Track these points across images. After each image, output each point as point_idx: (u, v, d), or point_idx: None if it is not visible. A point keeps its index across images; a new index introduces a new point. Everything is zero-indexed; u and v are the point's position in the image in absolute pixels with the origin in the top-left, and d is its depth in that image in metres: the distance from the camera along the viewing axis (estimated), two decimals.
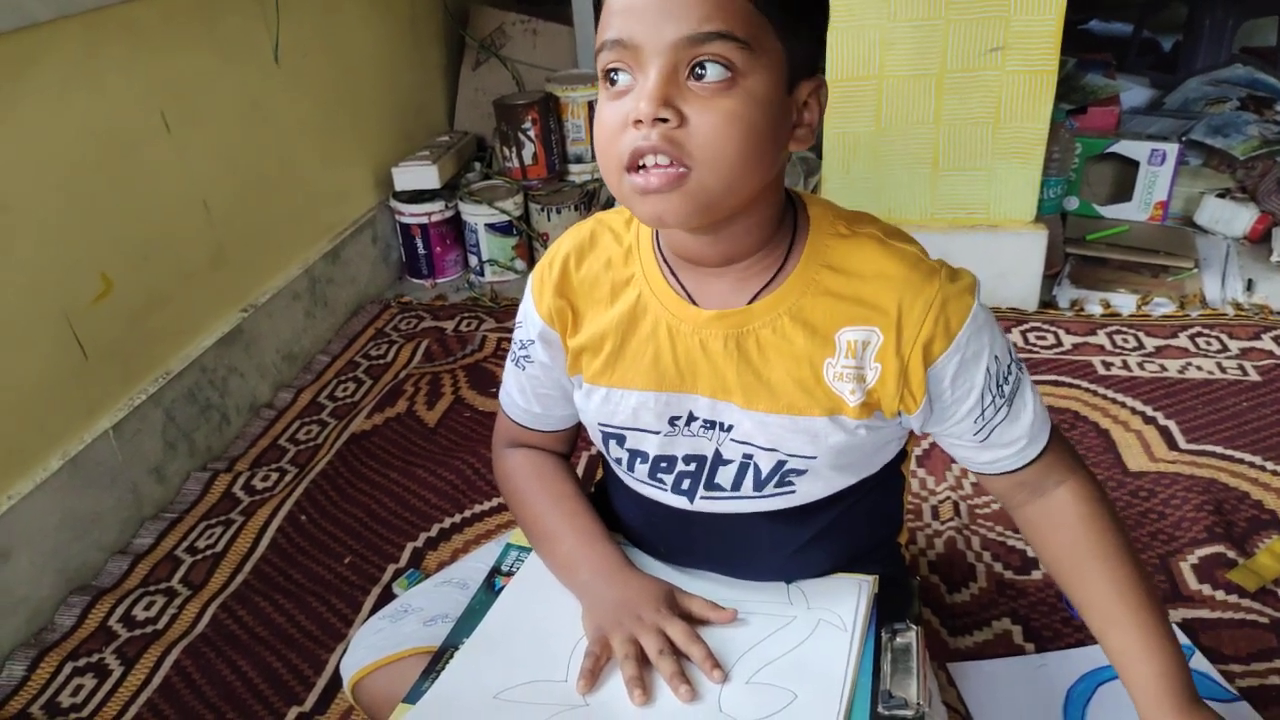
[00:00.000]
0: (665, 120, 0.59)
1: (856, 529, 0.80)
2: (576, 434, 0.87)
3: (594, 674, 0.71)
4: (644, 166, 0.60)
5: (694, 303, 0.71)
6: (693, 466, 0.76)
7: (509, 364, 0.84)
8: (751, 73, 0.59)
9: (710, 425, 0.73)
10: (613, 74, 0.61)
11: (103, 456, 1.26)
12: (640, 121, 0.59)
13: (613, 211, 0.78)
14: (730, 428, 0.73)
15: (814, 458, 0.72)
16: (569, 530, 0.81)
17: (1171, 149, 1.87)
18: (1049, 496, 0.75)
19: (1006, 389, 0.71)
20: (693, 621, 0.74)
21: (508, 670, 0.73)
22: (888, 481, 0.81)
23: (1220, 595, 1.07)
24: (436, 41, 2.25)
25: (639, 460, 0.77)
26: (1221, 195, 1.92)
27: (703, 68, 0.59)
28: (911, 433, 0.78)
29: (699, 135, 0.59)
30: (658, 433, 0.75)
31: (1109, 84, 2.19)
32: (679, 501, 0.77)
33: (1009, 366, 0.71)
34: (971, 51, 1.54)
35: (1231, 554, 1.11)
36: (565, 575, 0.80)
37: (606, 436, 0.78)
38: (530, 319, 0.79)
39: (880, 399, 0.70)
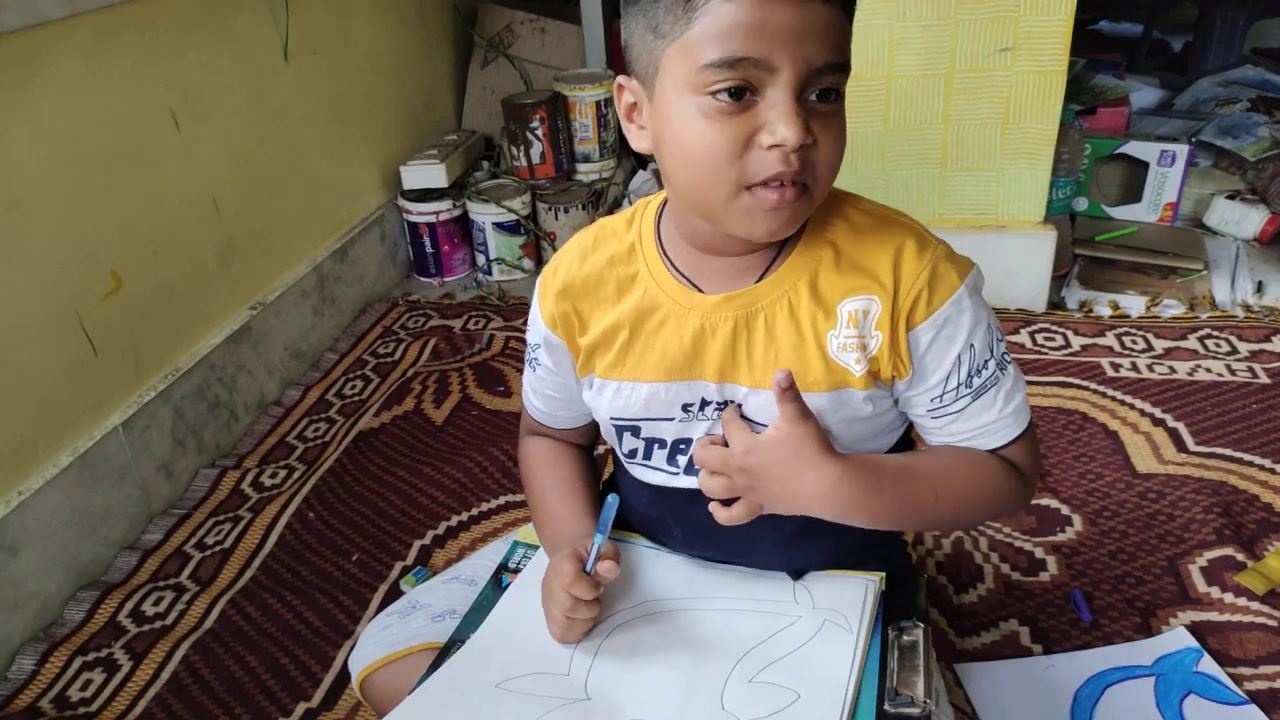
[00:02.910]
0: (804, 145, 0.60)
1: None
2: (594, 430, 0.87)
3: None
4: (776, 185, 0.62)
5: (699, 290, 0.72)
6: None
7: (525, 361, 0.85)
8: (844, 89, 0.63)
9: (721, 408, 0.74)
10: (733, 91, 0.60)
11: (112, 453, 1.26)
12: (779, 145, 0.60)
13: (613, 217, 0.79)
14: (740, 407, 0.73)
15: None
16: (555, 516, 0.83)
17: (1181, 150, 1.87)
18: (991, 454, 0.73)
19: (976, 382, 0.70)
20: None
21: (511, 661, 0.74)
22: None
23: (1229, 598, 1.06)
24: (445, 40, 2.25)
25: (656, 446, 0.78)
26: (1231, 197, 1.91)
27: (827, 94, 0.61)
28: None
29: (822, 154, 0.62)
30: (672, 419, 0.76)
31: (1119, 85, 2.18)
32: (692, 483, 0.77)
33: (986, 363, 0.70)
34: (980, 52, 1.54)
35: (1240, 557, 1.11)
36: (551, 559, 0.81)
37: (620, 429, 0.78)
38: (536, 324, 0.80)
39: (880, 365, 0.70)
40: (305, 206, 1.74)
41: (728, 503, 0.70)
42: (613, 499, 0.75)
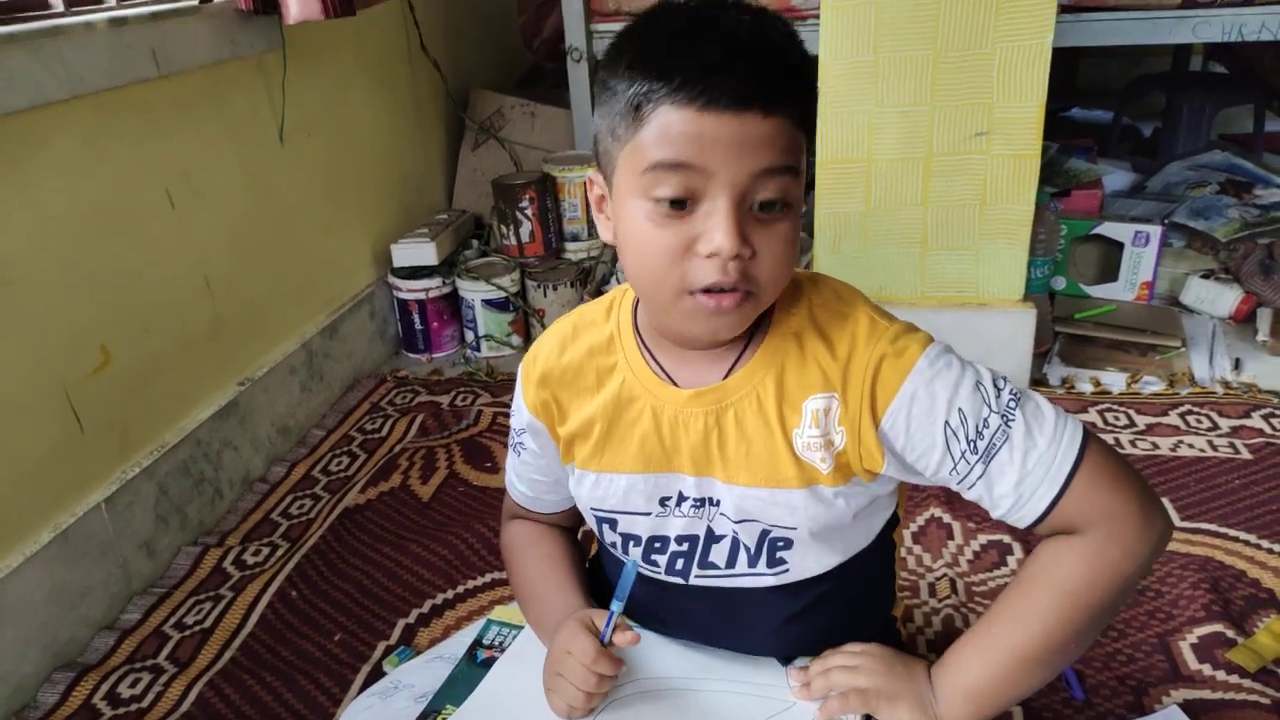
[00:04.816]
0: (740, 256, 0.61)
1: (848, 598, 0.80)
2: (578, 513, 0.87)
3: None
4: (714, 291, 0.63)
5: (674, 383, 0.72)
6: (685, 546, 0.76)
7: (509, 447, 0.86)
8: (797, 194, 0.64)
9: (700, 504, 0.74)
10: (673, 200, 0.62)
11: (94, 530, 1.25)
12: (715, 254, 0.61)
13: (591, 304, 0.80)
14: (718, 502, 0.74)
15: (794, 528, 0.72)
16: (539, 591, 0.83)
17: (1155, 231, 1.91)
18: (1048, 543, 0.69)
19: (981, 445, 0.66)
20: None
21: None
22: (878, 548, 0.81)
23: (1220, 675, 1.05)
24: (437, 123, 2.31)
25: (632, 544, 0.78)
26: (1205, 276, 1.95)
27: (769, 203, 0.62)
28: (902, 498, 0.79)
29: (764, 263, 0.63)
30: (648, 514, 0.75)
31: (1091, 168, 2.25)
32: (675, 580, 0.77)
33: (985, 421, 0.66)
34: (957, 136, 1.59)
35: (1230, 633, 1.10)
36: (539, 634, 0.82)
37: (600, 521, 0.79)
38: (520, 410, 0.81)
39: (850, 461, 0.70)
40: (296, 284, 1.76)
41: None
42: (631, 564, 0.74)
